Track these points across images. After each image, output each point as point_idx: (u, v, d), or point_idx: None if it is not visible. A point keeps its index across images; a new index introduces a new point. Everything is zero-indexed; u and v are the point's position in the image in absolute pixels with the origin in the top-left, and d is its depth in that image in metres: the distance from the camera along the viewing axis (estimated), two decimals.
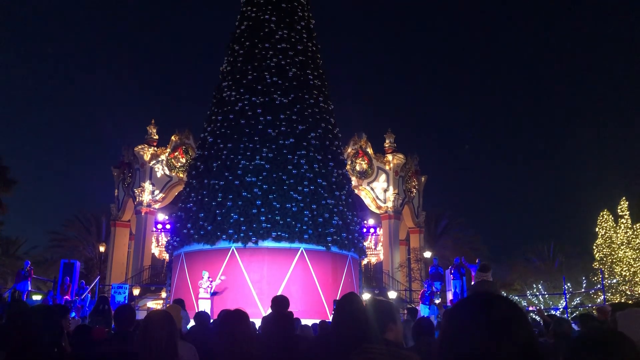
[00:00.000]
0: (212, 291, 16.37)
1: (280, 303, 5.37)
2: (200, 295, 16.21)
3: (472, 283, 18.20)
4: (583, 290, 33.76)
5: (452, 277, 19.75)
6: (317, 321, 9.99)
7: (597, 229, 37.40)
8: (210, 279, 16.43)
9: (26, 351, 3.03)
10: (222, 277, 16.49)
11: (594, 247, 37.13)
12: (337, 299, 14.26)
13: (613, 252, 35.72)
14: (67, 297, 18.85)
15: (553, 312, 26.64)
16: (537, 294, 35.09)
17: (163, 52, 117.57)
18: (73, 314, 17.54)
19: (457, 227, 42.17)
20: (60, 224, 42.50)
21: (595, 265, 36.04)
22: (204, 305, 15.46)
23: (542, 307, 28.62)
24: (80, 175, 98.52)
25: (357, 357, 2.82)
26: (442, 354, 1.38)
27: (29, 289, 20.18)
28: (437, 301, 19.25)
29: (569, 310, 25.80)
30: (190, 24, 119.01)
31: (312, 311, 15.40)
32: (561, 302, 31.25)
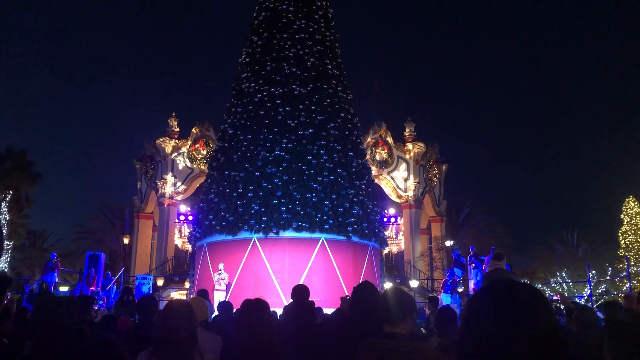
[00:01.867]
0: (224, 284, 16.62)
1: (300, 292, 5.39)
2: (215, 287, 16.43)
3: (486, 272, 18.09)
4: (608, 277, 33.32)
5: (472, 266, 19.66)
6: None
7: (622, 216, 36.86)
8: (220, 272, 16.66)
9: (52, 342, 3.10)
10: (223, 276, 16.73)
11: (619, 234, 36.60)
12: (355, 285, 14.30)
13: (639, 239, 35.17)
14: (92, 288, 19.20)
15: (577, 300, 26.37)
16: (561, 281, 34.74)
17: (183, 45, 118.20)
18: (100, 303, 17.87)
19: (479, 216, 41.85)
20: (85, 217, 43.31)
21: (621, 252, 35.54)
22: (219, 297, 15.61)
23: (566, 295, 28.31)
24: (103, 168, 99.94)
25: (367, 352, 2.82)
26: (463, 342, 1.37)
27: (56, 280, 20.59)
28: (460, 290, 19.18)
29: (594, 298, 25.50)
30: (210, 16, 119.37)
31: (333, 300, 15.41)
32: (586, 290, 30.89)
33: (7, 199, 30.63)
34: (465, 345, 1.36)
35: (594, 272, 29.64)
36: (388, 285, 20.25)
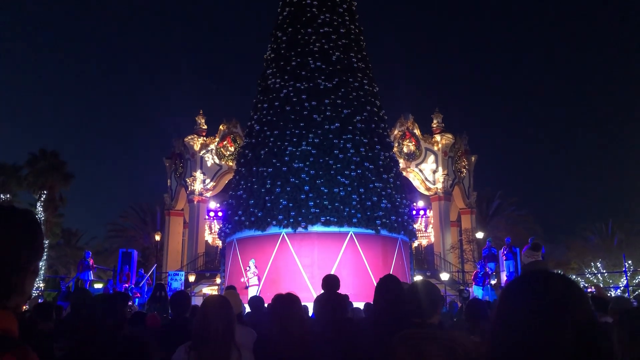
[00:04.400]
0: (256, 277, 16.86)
1: (330, 283, 5.38)
2: (250, 283, 16.62)
3: (525, 264, 17.87)
4: None
5: (504, 258, 19.42)
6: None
7: None
8: (248, 268, 16.90)
9: (92, 338, 3.18)
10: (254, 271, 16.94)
11: None
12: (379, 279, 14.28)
13: None
14: (126, 285, 19.56)
15: (613, 291, 25.83)
16: (596, 272, 34.07)
17: (208, 43, 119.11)
18: (135, 300, 18.21)
19: (509, 207, 41.23)
20: (117, 215, 44.13)
21: None
22: (252, 293, 15.76)
23: (601, 285, 27.77)
24: (134, 167, 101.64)
25: (402, 343, 2.81)
26: (495, 334, 1.37)
27: (91, 278, 21.03)
28: (493, 282, 18.98)
29: (630, 288, 24.96)
30: (235, 13, 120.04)
31: (363, 294, 15.37)
32: (622, 280, 30.23)
33: (42, 199, 31.40)
34: (497, 336, 1.36)
35: (630, 262, 28.95)
36: (418, 278, 20.14)
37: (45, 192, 31.95)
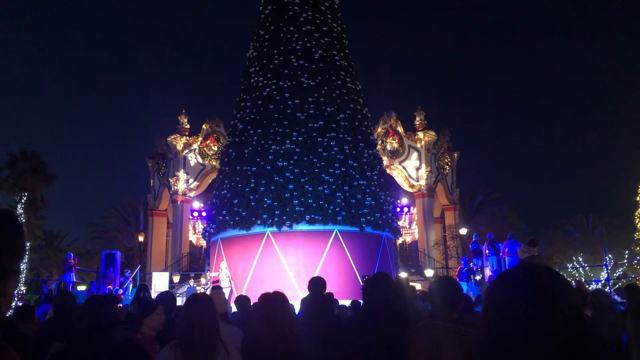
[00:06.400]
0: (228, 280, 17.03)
1: (317, 284, 5.40)
2: (223, 285, 16.65)
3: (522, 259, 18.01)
4: (625, 261, 33.02)
5: (487, 254, 19.59)
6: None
7: (638, 198, 36.42)
8: (220, 271, 17.07)
9: (84, 340, 3.14)
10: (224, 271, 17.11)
11: (636, 217, 36.18)
12: (367, 275, 14.33)
13: None
14: (109, 287, 19.37)
15: (594, 285, 26.19)
16: (577, 266, 34.49)
17: (191, 42, 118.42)
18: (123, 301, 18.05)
19: (492, 203, 41.58)
20: (99, 216, 43.64)
21: (638, 235, 35.17)
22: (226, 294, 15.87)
23: (583, 280, 28.13)
24: (116, 167, 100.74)
25: (420, 333, 2.83)
26: (484, 326, 1.37)
27: (74, 280, 20.79)
28: (477, 277, 19.12)
29: (611, 282, 25.31)
30: (217, 12, 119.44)
31: (348, 292, 15.46)
32: (602, 274, 30.65)
33: (23, 201, 30.90)
34: (486, 328, 1.36)
35: (610, 255, 29.34)
36: (403, 275, 20.23)
37: (25, 194, 31.41)
